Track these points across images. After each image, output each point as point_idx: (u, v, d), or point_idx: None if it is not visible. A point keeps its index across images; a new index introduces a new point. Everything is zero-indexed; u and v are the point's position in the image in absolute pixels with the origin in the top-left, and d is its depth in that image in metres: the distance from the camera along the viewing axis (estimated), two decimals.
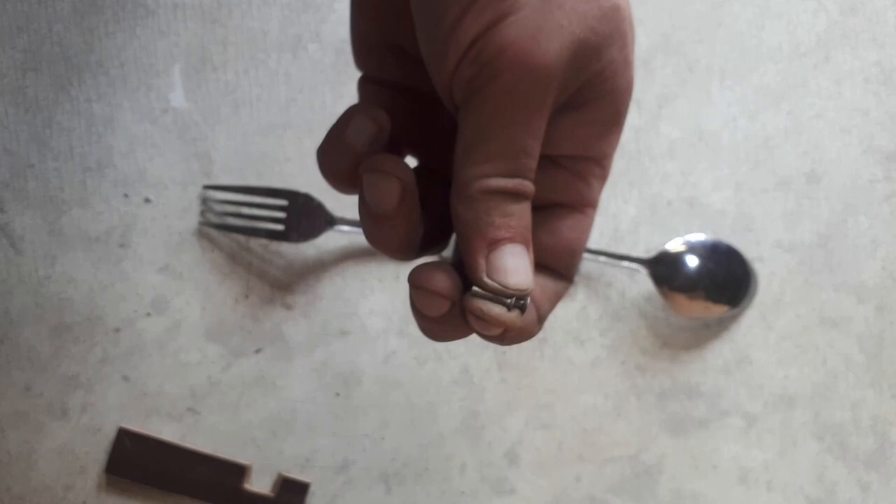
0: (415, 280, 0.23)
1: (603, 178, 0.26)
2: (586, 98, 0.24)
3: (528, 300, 0.23)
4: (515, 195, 0.23)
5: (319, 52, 0.45)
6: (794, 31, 0.47)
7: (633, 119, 0.46)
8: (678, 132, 0.46)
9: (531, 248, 0.23)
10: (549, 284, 0.25)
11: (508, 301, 0.23)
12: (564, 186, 0.25)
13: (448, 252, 0.28)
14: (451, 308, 0.23)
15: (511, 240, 0.23)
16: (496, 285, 0.22)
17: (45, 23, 0.44)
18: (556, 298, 0.26)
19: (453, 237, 0.26)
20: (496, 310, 0.23)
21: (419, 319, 0.24)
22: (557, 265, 0.26)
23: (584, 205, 0.26)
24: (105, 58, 0.44)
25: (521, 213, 0.23)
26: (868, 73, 0.47)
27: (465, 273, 0.23)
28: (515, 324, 0.23)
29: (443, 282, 0.23)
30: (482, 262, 0.23)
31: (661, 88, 0.46)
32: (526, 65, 0.21)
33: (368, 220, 0.24)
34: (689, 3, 0.46)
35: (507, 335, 0.23)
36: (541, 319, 0.25)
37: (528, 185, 0.23)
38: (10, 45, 0.44)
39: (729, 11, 0.46)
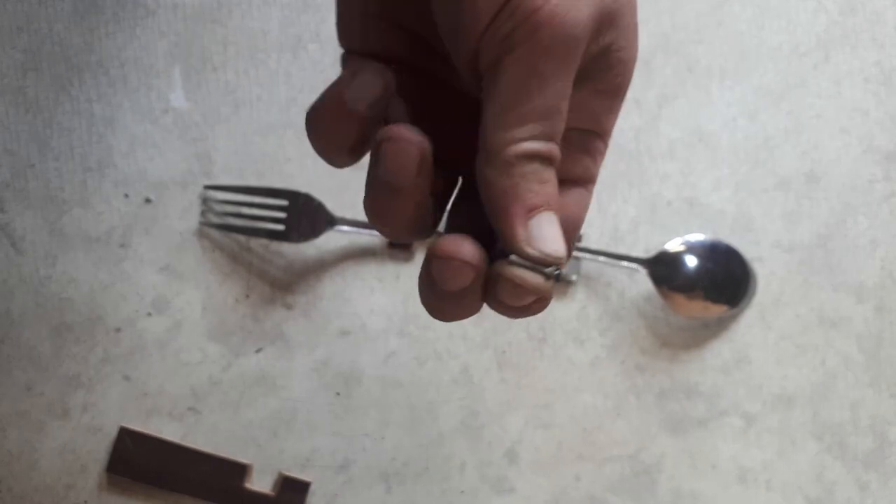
0: (440, 250, 0.22)
1: (603, 154, 0.26)
2: (599, 67, 0.23)
3: (562, 269, 0.23)
4: (549, 160, 0.22)
5: (319, 52, 0.45)
6: (793, 31, 0.47)
7: (634, 119, 0.46)
8: (678, 132, 0.46)
9: (559, 217, 0.23)
10: None
11: (548, 270, 0.22)
12: (573, 162, 0.25)
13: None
14: (474, 279, 0.22)
15: (547, 208, 0.22)
16: (537, 254, 0.22)
17: (46, 23, 0.44)
18: None
19: (442, 222, 0.26)
20: (536, 279, 0.22)
21: (431, 297, 0.23)
22: None
23: (587, 181, 0.25)
24: (105, 58, 0.44)
25: (553, 180, 0.22)
26: (868, 73, 0.47)
27: (484, 244, 0.22)
28: (550, 292, 0.22)
29: (470, 250, 0.22)
30: (521, 230, 0.22)
31: (661, 88, 0.46)
32: (561, 24, 0.21)
33: (381, 192, 0.22)
34: (689, 3, 0.46)
35: (535, 305, 0.23)
36: None
37: (558, 151, 0.22)
38: (10, 45, 0.44)
39: (729, 11, 0.46)
